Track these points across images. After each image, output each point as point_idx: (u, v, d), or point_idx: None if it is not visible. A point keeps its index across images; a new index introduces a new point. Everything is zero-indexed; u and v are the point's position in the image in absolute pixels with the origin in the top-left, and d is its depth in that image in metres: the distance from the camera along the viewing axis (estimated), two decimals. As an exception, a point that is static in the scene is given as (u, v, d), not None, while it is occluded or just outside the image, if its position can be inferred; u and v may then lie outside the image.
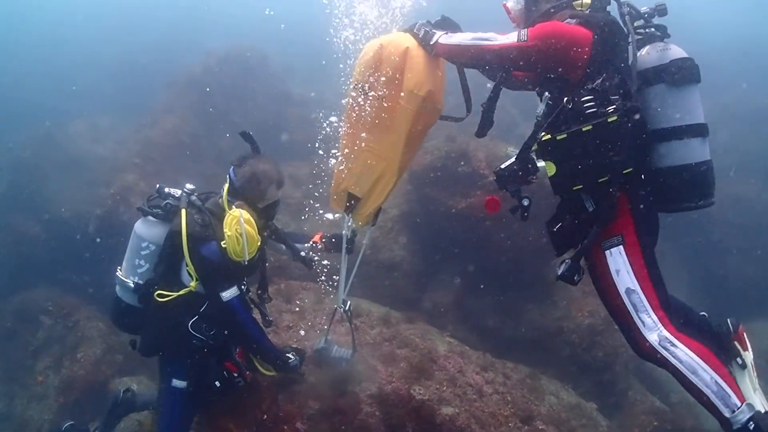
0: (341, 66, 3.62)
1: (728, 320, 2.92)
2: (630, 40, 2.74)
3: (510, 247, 6.04)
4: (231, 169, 3.33)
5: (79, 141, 11.29)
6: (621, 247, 2.66)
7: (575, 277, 2.73)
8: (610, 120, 2.53)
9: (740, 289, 8.97)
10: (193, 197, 3.30)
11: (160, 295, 3.14)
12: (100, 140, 11.43)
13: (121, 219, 7.86)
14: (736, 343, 2.86)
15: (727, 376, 2.55)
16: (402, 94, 3.16)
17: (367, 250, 3.70)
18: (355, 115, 3.32)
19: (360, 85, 3.28)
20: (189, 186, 3.35)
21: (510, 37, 2.77)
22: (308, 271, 4.05)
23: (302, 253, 3.88)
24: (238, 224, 3.05)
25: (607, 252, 2.69)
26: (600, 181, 2.61)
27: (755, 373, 2.81)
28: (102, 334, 7.22)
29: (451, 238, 6.45)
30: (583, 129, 2.56)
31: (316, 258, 3.96)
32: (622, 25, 2.77)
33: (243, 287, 3.37)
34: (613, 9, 2.92)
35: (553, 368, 6.06)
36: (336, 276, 3.87)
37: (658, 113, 2.71)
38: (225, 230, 3.07)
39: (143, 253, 3.27)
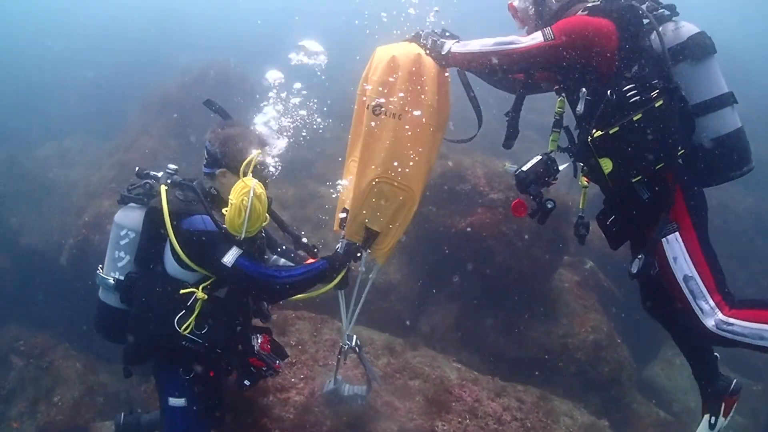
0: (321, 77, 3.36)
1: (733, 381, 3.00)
2: (651, 22, 2.69)
3: (513, 266, 5.87)
4: (206, 142, 2.97)
5: (47, 166, 10.81)
6: (677, 233, 2.67)
7: (652, 271, 2.71)
8: (657, 105, 2.52)
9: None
10: (176, 176, 2.96)
11: (179, 324, 2.71)
12: (70, 164, 10.96)
13: (97, 249, 7.44)
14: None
15: None
16: (418, 112, 2.88)
17: (376, 279, 3.37)
18: (368, 141, 2.96)
19: (372, 105, 2.91)
20: (171, 166, 3.01)
21: (536, 38, 2.69)
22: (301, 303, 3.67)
23: (304, 240, 3.38)
24: (246, 195, 2.66)
25: (664, 240, 2.68)
26: (657, 167, 2.59)
27: None
28: (79, 374, 6.77)
29: (449, 258, 6.25)
30: (634, 119, 2.52)
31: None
32: (637, 9, 2.71)
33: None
34: None
35: (561, 387, 5.94)
36: (333, 300, 3.51)
37: (690, 90, 2.71)
38: (230, 197, 2.70)
39: (122, 242, 2.91)
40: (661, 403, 7.26)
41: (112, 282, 2.90)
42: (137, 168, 3.06)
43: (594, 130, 2.61)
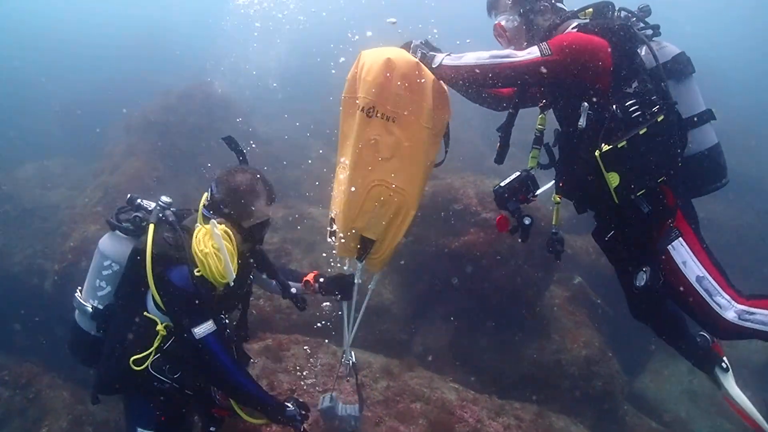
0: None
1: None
2: (643, 41, 2.76)
3: (506, 284, 5.93)
4: (213, 183, 2.86)
5: (28, 188, 10.57)
6: (681, 239, 2.73)
7: (658, 282, 2.74)
8: (659, 119, 2.58)
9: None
10: (168, 212, 2.82)
11: (136, 362, 2.64)
12: (52, 186, 10.72)
13: (83, 276, 7.27)
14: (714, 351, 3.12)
15: None
16: (417, 113, 2.77)
17: (372, 296, 3.33)
18: (361, 144, 2.82)
19: (365, 107, 2.78)
20: (165, 199, 2.88)
21: (532, 52, 2.69)
22: (296, 317, 3.63)
23: (293, 290, 3.32)
24: (212, 237, 2.57)
25: (670, 247, 2.73)
26: (660, 181, 2.66)
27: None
28: (67, 404, 6.59)
29: (442, 278, 6.29)
30: (641, 133, 2.57)
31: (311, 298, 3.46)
32: (630, 29, 2.78)
33: (223, 320, 2.89)
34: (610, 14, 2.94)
35: (556, 403, 5.98)
36: (330, 321, 3.47)
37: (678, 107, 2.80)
38: (198, 248, 2.59)
39: (105, 273, 2.79)
40: (652, 413, 7.35)
41: (90, 310, 2.81)
42: (129, 195, 2.97)
43: (603, 144, 2.62)
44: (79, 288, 2.91)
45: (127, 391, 2.82)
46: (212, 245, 2.59)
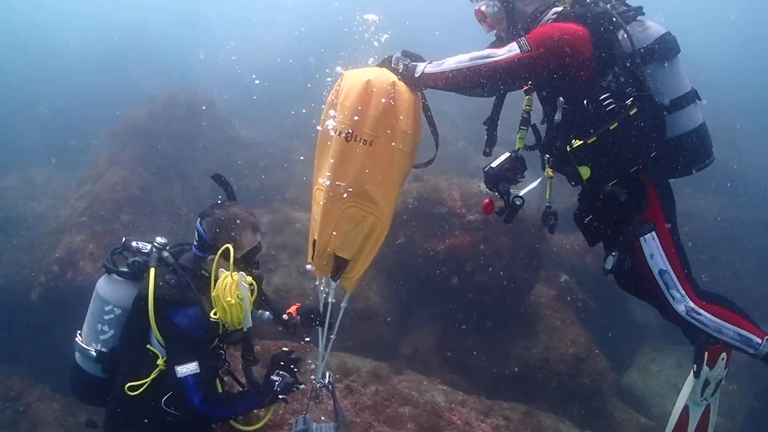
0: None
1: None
2: (622, 27, 2.75)
3: (492, 286, 5.99)
4: (197, 223, 2.90)
5: (12, 197, 10.46)
6: (653, 233, 2.83)
7: (625, 266, 2.85)
8: (632, 113, 2.62)
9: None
10: (165, 253, 2.87)
11: (130, 388, 2.69)
12: (36, 195, 10.61)
13: (70, 285, 7.27)
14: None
15: (744, 324, 2.90)
16: (390, 137, 2.81)
17: (347, 310, 3.32)
18: (337, 168, 2.85)
19: (342, 131, 2.81)
20: (160, 240, 2.93)
21: (512, 49, 2.70)
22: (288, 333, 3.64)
23: (284, 317, 3.37)
24: (238, 288, 2.66)
25: (641, 239, 2.83)
26: (632, 170, 2.73)
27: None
28: (57, 416, 6.58)
29: (428, 280, 6.33)
30: (611, 128, 2.62)
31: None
32: (610, 16, 2.77)
33: (221, 354, 2.94)
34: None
35: (544, 401, 6.05)
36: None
37: (659, 89, 2.82)
38: (224, 298, 2.67)
39: (107, 317, 2.82)
40: (640, 409, 7.45)
41: (94, 354, 2.83)
42: (123, 238, 2.98)
43: (573, 140, 2.69)
44: (79, 331, 2.92)
45: (138, 427, 2.84)
46: (237, 295, 2.67)
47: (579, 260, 7.90)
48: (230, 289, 2.68)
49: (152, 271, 2.71)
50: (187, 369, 2.64)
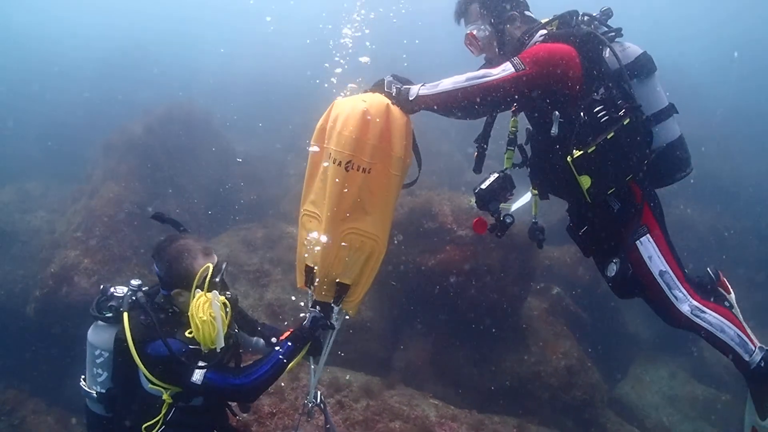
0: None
1: (708, 270, 3.22)
2: (606, 44, 2.88)
3: (483, 300, 6.03)
4: (153, 265, 3.00)
5: (7, 211, 10.49)
6: (648, 235, 2.92)
7: (628, 273, 2.91)
8: (625, 123, 2.75)
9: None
10: (139, 294, 2.97)
11: (147, 428, 2.83)
12: (31, 209, 10.65)
13: (65, 300, 7.29)
14: (720, 288, 3.18)
15: (742, 327, 2.96)
16: (388, 162, 2.87)
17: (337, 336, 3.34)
18: (337, 198, 2.90)
19: (342, 161, 2.83)
20: (134, 282, 3.02)
21: (506, 69, 2.79)
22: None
23: (273, 340, 3.32)
24: (211, 306, 2.73)
25: (638, 242, 2.92)
26: (628, 179, 2.84)
27: (740, 312, 3.16)
28: (52, 430, 6.59)
29: (420, 295, 6.37)
30: (608, 137, 2.74)
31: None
32: (596, 36, 2.89)
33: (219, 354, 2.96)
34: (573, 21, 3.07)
35: (536, 414, 6.07)
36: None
37: (642, 105, 2.94)
38: (197, 315, 2.74)
39: (98, 361, 2.98)
40: (634, 420, 7.48)
41: (95, 395, 2.99)
42: (102, 286, 3.09)
43: (574, 150, 2.77)
44: (83, 376, 3.08)
45: None
46: (210, 313, 2.74)
47: (571, 272, 7.94)
48: (203, 307, 2.76)
49: (125, 315, 2.84)
50: (200, 373, 2.74)
